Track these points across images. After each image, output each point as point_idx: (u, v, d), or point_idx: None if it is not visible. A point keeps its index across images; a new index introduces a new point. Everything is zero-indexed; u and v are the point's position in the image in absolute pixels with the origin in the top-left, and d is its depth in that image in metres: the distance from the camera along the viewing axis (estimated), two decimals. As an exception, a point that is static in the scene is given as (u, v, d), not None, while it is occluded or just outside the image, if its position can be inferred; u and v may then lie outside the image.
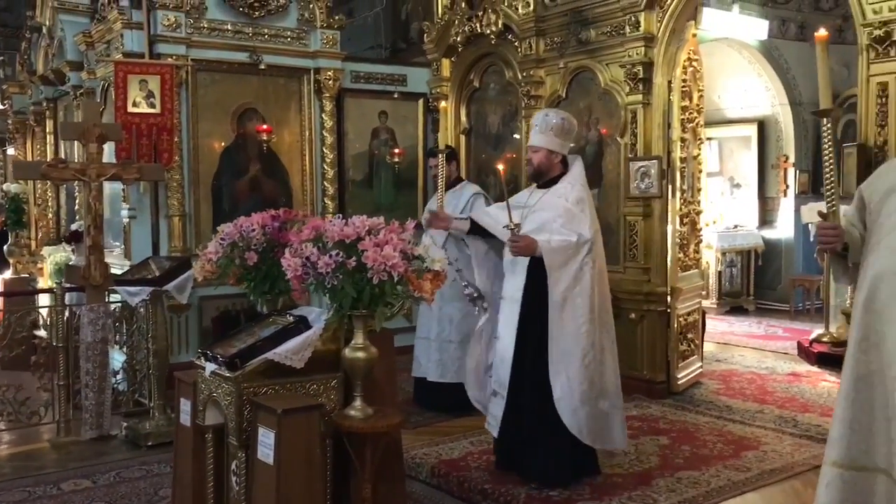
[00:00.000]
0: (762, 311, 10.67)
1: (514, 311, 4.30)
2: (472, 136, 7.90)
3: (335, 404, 3.53)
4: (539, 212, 4.30)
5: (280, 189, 7.42)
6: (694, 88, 6.52)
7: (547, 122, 4.39)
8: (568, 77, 6.73)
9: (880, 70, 4.69)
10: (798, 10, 10.43)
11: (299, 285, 3.34)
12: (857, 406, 3.02)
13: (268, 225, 3.86)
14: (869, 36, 4.75)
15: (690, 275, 6.59)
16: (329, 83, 7.45)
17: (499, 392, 4.36)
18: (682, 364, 6.39)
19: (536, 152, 4.43)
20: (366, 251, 3.22)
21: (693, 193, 6.60)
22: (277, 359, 3.39)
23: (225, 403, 3.43)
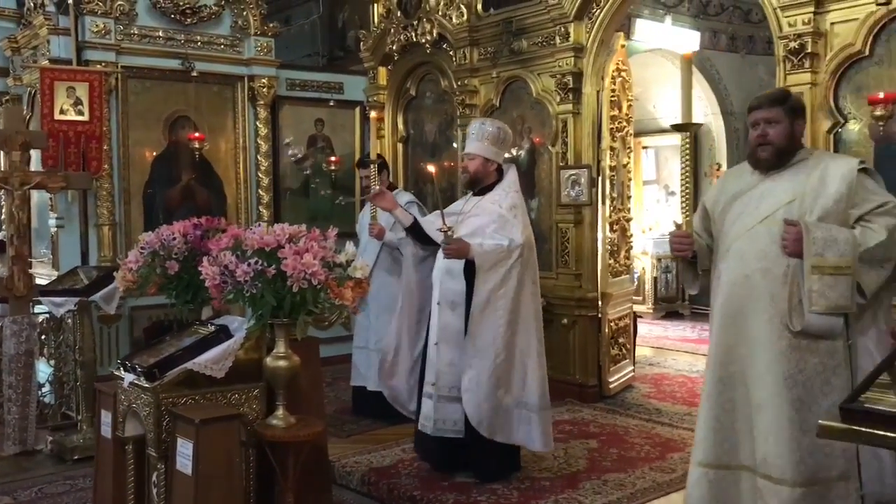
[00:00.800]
0: (697, 315, 10.87)
1: (458, 315, 4.35)
2: (409, 145, 7.92)
3: (258, 414, 3.51)
4: (473, 217, 4.37)
5: (214, 198, 7.34)
6: (623, 98, 6.64)
7: (483, 131, 4.47)
8: (501, 86, 6.80)
9: (796, 80, 4.84)
10: (729, 22, 10.70)
11: (218, 294, 3.32)
12: (720, 407, 3.20)
13: (189, 233, 3.83)
14: (785, 48, 4.91)
15: (621, 280, 6.70)
16: (263, 90, 7.41)
17: (450, 395, 4.37)
18: (613, 368, 6.49)
19: (472, 160, 4.49)
20: (285, 259, 3.21)
21: (623, 201, 6.72)
22: (197, 368, 3.36)
23: (144, 414, 3.39)
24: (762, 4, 5.10)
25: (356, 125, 8.08)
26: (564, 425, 5.58)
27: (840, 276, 2.95)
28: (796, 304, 3.02)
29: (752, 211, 3.19)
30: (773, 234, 3.09)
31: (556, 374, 5.39)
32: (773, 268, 3.08)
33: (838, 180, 3.06)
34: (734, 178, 3.40)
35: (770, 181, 3.21)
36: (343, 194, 7.99)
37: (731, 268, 3.19)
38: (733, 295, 3.17)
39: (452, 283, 4.38)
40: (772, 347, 3.07)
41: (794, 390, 3.03)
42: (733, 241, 3.21)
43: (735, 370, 3.17)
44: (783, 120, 3.17)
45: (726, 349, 3.20)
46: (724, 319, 3.21)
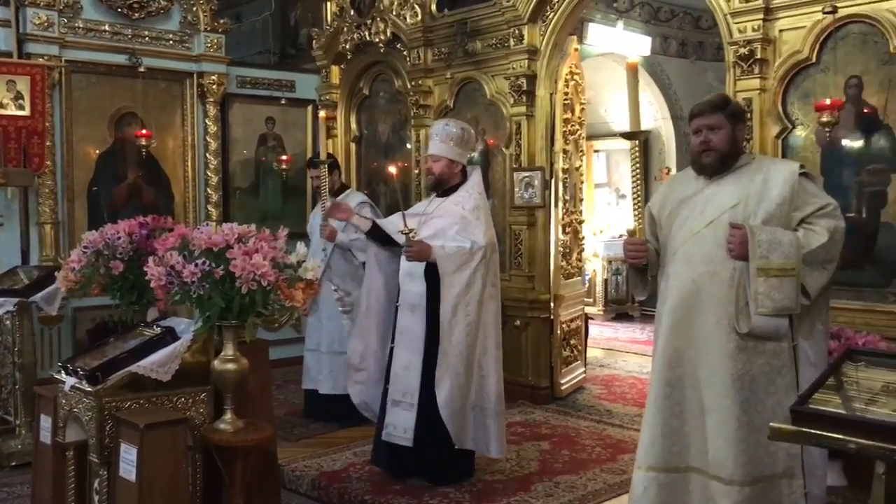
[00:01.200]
0: (646, 317, 10.97)
1: (417, 318, 4.30)
2: (362, 144, 7.86)
3: (205, 418, 3.43)
4: (436, 219, 4.33)
5: (161, 196, 7.19)
6: (576, 101, 6.68)
7: (447, 132, 4.43)
8: (455, 88, 6.78)
9: (745, 86, 4.92)
10: (679, 28, 10.85)
11: (164, 295, 3.23)
12: (668, 410, 3.22)
13: (135, 233, 3.73)
14: (735, 54, 4.97)
15: (573, 282, 6.73)
16: (213, 88, 7.27)
17: (403, 401, 4.33)
18: (565, 370, 6.51)
19: (437, 161, 4.45)
20: (234, 259, 3.14)
21: (575, 203, 6.75)
22: (142, 371, 3.26)
23: (86, 419, 3.28)
24: (713, 11, 5.17)
25: (308, 124, 7.98)
26: (517, 427, 5.58)
27: (785, 277, 3.00)
28: (743, 306, 3.06)
29: (697, 215, 3.22)
30: (719, 238, 3.12)
31: (509, 376, 5.35)
32: (719, 271, 3.11)
33: (781, 184, 3.11)
34: (679, 183, 3.43)
35: (714, 186, 3.24)
36: (294, 194, 7.89)
37: (678, 272, 3.22)
38: (681, 298, 3.19)
39: (413, 286, 4.33)
40: (720, 350, 3.10)
41: (742, 391, 3.06)
42: (680, 246, 3.23)
43: (683, 373, 3.19)
44: (725, 126, 3.20)
45: (674, 352, 3.22)
46: (671, 323, 3.23)
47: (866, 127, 4.57)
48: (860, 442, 2.05)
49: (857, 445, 2.06)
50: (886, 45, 4.45)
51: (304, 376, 5.95)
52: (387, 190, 7.63)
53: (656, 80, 10.89)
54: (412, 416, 4.28)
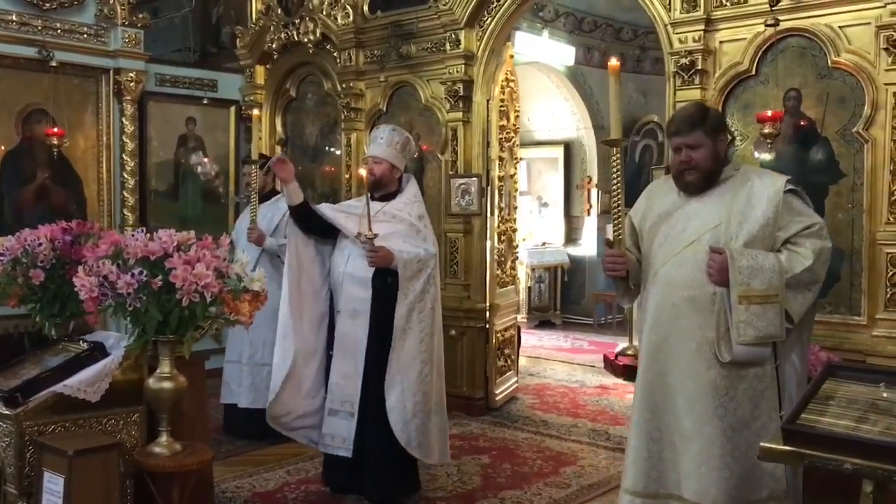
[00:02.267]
0: (568, 324, 11.07)
1: (360, 324, 4.13)
2: (288, 147, 7.58)
3: (137, 441, 3.17)
4: (382, 223, 4.14)
5: (72, 199, 6.74)
6: (511, 108, 6.61)
7: (392, 138, 4.34)
8: (388, 91, 6.61)
9: (685, 97, 4.90)
10: (602, 39, 10.97)
11: (95, 307, 2.94)
12: (647, 435, 3.12)
13: (58, 239, 3.42)
14: (675, 64, 4.97)
15: (507, 291, 6.64)
16: (131, 85, 6.87)
17: (342, 410, 4.14)
18: (499, 380, 6.41)
19: (379, 164, 4.30)
20: (174, 269, 2.89)
21: (510, 211, 6.67)
22: (68, 392, 2.98)
23: (2, 445, 2.97)
24: (654, 20, 5.16)
25: (231, 125, 7.63)
26: (454, 440, 5.39)
27: (767, 304, 2.87)
28: (724, 332, 2.92)
29: (678, 234, 3.08)
30: (699, 261, 2.98)
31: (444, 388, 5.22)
32: (699, 295, 2.97)
33: (765, 203, 2.97)
34: (660, 192, 3.28)
35: (696, 202, 3.10)
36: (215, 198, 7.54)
37: (658, 293, 3.09)
38: (660, 322, 3.07)
39: (357, 290, 4.14)
40: (700, 378, 2.97)
41: (726, 419, 2.94)
42: (660, 266, 3.10)
43: (662, 399, 3.07)
44: (705, 143, 3.04)
45: (654, 377, 3.09)
46: (651, 346, 3.11)
47: (804, 139, 4.62)
48: (858, 462, 1.99)
49: (854, 466, 2.00)
50: (825, 58, 4.52)
51: (224, 390, 5.63)
52: (314, 195, 7.37)
53: (579, 90, 10.98)
54: (352, 426, 4.11)
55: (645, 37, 10.98)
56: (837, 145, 4.52)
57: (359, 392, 4.12)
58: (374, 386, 4.08)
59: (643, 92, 11.24)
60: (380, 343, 4.08)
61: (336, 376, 4.17)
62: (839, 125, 4.51)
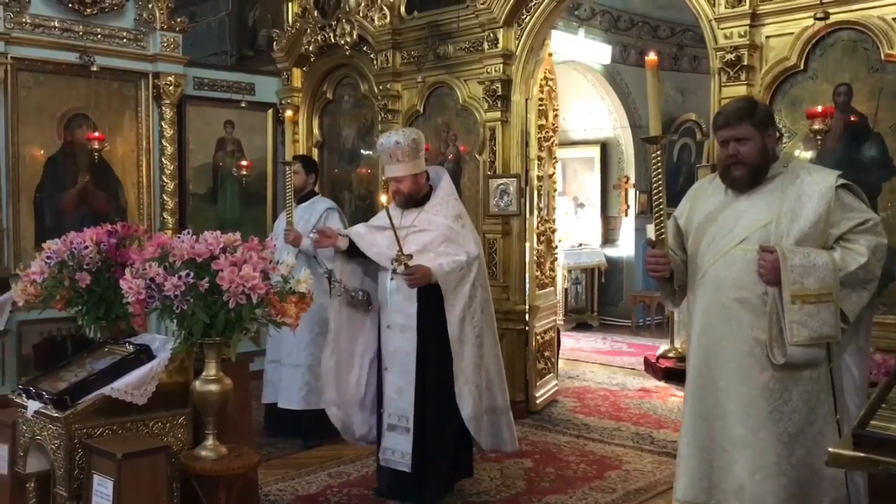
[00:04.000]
0: (606, 326, 10.96)
1: (408, 338, 4.12)
2: (325, 150, 7.60)
3: (183, 444, 3.16)
4: (419, 233, 4.11)
5: (112, 203, 6.80)
6: (549, 107, 6.54)
7: (400, 150, 4.17)
8: (426, 92, 6.58)
9: (731, 93, 4.79)
10: (638, 36, 10.84)
11: (142, 310, 2.95)
12: (698, 442, 3.04)
13: (103, 241, 3.42)
14: (721, 60, 4.87)
15: (547, 292, 6.58)
16: (170, 89, 6.92)
17: (399, 425, 4.14)
18: (539, 382, 6.35)
19: (402, 181, 4.21)
20: (220, 271, 2.88)
21: (549, 212, 6.61)
22: (115, 395, 2.98)
23: (52, 448, 2.98)
24: (698, 16, 5.07)
25: (269, 128, 7.65)
26: (495, 443, 5.37)
27: (821, 303, 2.79)
28: (777, 334, 2.84)
29: (726, 234, 3.00)
30: (749, 261, 2.90)
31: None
32: (750, 296, 2.90)
33: (816, 199, 2.89)
34: (706, 192, 3.21)
35: (745, 200, 3.02)
36: (254, 201, 7.57)
37: (706, 295, 3.01)
38: (709, 325, 3.00)
39: (404, 305, 4.13)
40: (753, 381, 2.89)
41: (781, 424, 2.86)
42: (708, 267, 3.02)
43: (713, 405, 2.99)
44: (754, 136, 2.96)
45: (704, 382, 3.03)
46: (700, 350, 3.04)
47: (856, 135, 4.50)
48: (935, 469, 1.90)
49: (931, 473, 1.92)
50: (877, 52, 4.40)
51: (265, 389, 5.67)
52: (351, 197, 7.39)
53: (616, 89, 10.88)
54: (409, 440, 4.10)
55: (682, 34, 10.86)
56: (891, 140, 4.39)
57: (412, 407, 4.11)
58: (428, 399, 4.09)
59: (681, 90, 11.10)
60: (431, 356, 4.08)
61: (390, 391, 4.17)
62: (893, 120, 4.38)
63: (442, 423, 4.11)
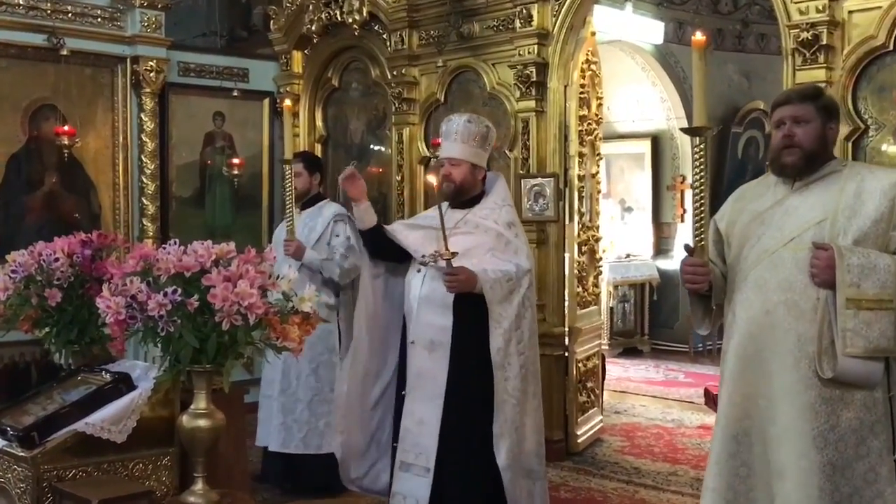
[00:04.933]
0: (658, 352, 10.94)
1: (438, 358, 4.01)
2: (329, 146, 7.68)
3: (168, 488, 3.20)
4: (462, 235, 4.06)
5: (84, 207, 6.93)
6: (592, 95, 6.58)
7: (469, 131, 4.13)
8: (447, 78, 6.64)
9: (808, 77, 4.79)
10: (696, 12, 10.84)
11: (121, 333, 2.97)
12: (732, 472, 3.09)
13: (76, 253, 3.47)
14: (795, 39, 4.87)
15: (589, 312, 6.59)
16: (150, 76, 7.02)
17: (415, 464, 4.01)
18: (581, 418, 6.35)
19: (457, 166, 4.15)
20: (213, 288, 2.90)
21: (592, 217, 6.63)
22: (90, 431, 3.02)
23: (17, 492, 3.03)
24: (767, -13, 5.07)
25: (265, 120, 7.75)
26: (530, 490, 5.37)
27: (881, 311, 2.85)
28: (828, 345, 2.90)
29: (774, 232, 3.08)
30: (800, 261, 2.97)
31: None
32: (799, 301, 2.96)
33: (878, 196, 2.97)
34: (754, 193, 3.30)
35: (797, 196, 3.10)
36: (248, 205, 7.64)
37: (748, 300, 3.07)
38: (751, 334, 3.04)
39: (435, 317, 4.03)
40: (797, 399, 2.93)
41: (825, 452, 2.89)
42: (752, 269, 3.08)
43: (751, 426, 3.04)
44: (814, 119, 3.07)
45: (741, 400, 3.07)
46: (739, 364, 3.08)
47: (957, 127, 4.49)
48: None
49: None
50: (981, 28, 4.39)
51: (259, 429, 5.63)
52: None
53: (669, 73, 10.87)
54: (427, 485, 3.95)
55: (748, 9, 10.85)
56: None
57: (436, 443, 3.97)
58: (456, 434, 3.96)
59: (745, 74, 11.10)
60: (463, 382, 3.96)
61: (409, 421, 4.04)
62: None
63: (470, 468, 3.97)
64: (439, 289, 3.96)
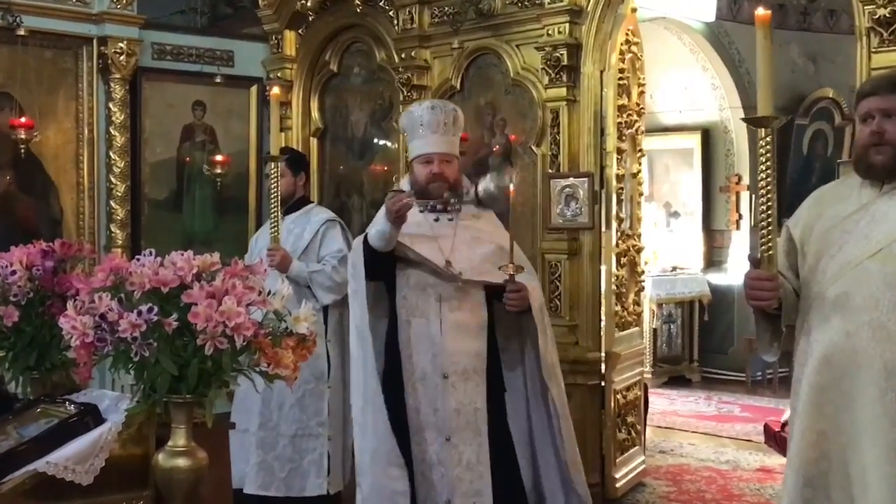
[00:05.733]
0: (710, 381, 10.94)
1: (475, 388, 4.13)
2: (327, 140, 7.74)
3: (142, 538, 3.21)
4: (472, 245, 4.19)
5: (42, 211, 7.05)
6: (633, 82, 6.60)
7: (454, 118, 4.26)
8: (464, 62, 6.68)
9: (886, 61, 4.78)
10: (753, -15, 10.87)
11: (88, 358, 3.00)
12: None
13: (36, 265, 3.49)
14: (870, 16, 4.86)
15: (630, 334, 6.61)
16: (120, 59, 7.10)
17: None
18: (620, 459, 6.37)
19: (449, 163, 4.25)
20: (194, 306, 2.92)
21: (633, 224, 6.65)
22: (52, 471, 3.03)
23: (-33, 543, 3.04)
24: (838, -44, 5.08)
25: (252, 111, 7.85)
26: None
27: None
28: None
29: (858, 241, 3.06)
30: (889, 275, 2.96)
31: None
32: (887, 322, 2.95)
33: None
34: (834, 196, 3.30)
35: (886, 200, 3.09)
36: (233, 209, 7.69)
37: (826, 321, 3.06)
38: (829, 360, 3.04)
39: (467, 343, 4.13)
40: (881, 437, 2.92)
41: None
42: (831, 283, 3.07)
43: (829, 468, 3.04)
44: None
45: (817, 438, 3.07)
46: (813, 395, 3.08)
47: None
48: None
49: None
50: None
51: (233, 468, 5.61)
52: (363, 203, 7.48)
53: (722, 56, 10.89)
54: None
55: (814, -18, 10.86)
56: None
57: (490, 485, 4.11)
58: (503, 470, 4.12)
59: (811, 56, 11.11)
60: (501, 412, 4.15)
61: (456, 468, 4.11)
62: None
63: None
64: (469, 311, 4.12)
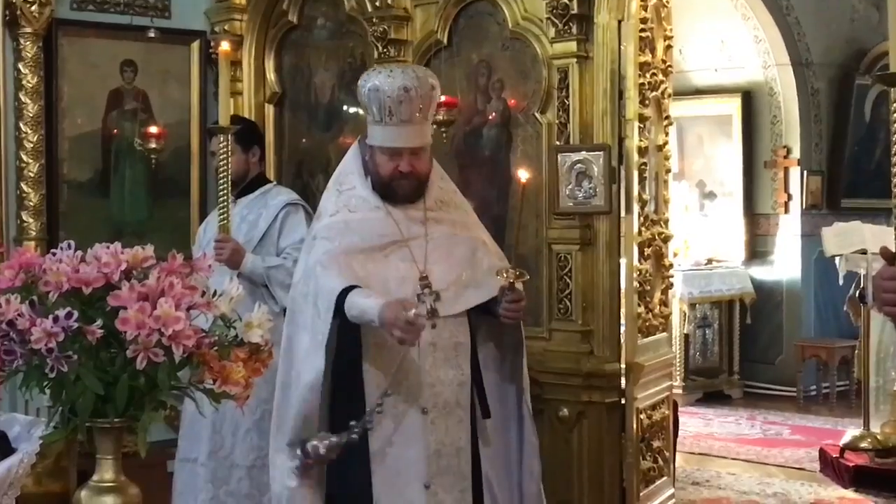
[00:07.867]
0: (754, 398, 11.01)
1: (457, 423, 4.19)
2: (285, 108, 7.77)
3: (61, 592, 3.23)
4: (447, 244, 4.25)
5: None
6: (658, 34, 6.61)
7: (418, 97, 4.15)
8: (452, 11, 6.70)
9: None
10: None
11: (-5, 374, 3.02)
12: None
13: (-69, 262, 3.50)
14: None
15: (656, 341, 6.63)
16: (31, 10, 7.08)
17: None
18: (645, 492, 6.39)
19: (418, 156, 4.24)
20: (123, 310, 2.93)
21: (658, 208, 6.66)
22: (-49, 512, 3.06)
23: None
24: None
25: (193, 72, 7.84)
26: None
27: None
28: None
29: None
30: None
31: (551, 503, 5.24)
32: None
33: None
34: None
35: None
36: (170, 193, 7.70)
37: None
38: None
39: (447, 371, 4.15)
40: None
41: None
42: None
43: None
44: None
45: None
46: None
47: None
48: None
49: None
50: None
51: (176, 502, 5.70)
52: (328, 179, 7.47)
53: (768, 4, 10.90)
54: None
55: None
56: None
57: None
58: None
59: (875, 2, 11.12)
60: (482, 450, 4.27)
61: None
62: None
63: None
64: (450, 332, 4.17)
